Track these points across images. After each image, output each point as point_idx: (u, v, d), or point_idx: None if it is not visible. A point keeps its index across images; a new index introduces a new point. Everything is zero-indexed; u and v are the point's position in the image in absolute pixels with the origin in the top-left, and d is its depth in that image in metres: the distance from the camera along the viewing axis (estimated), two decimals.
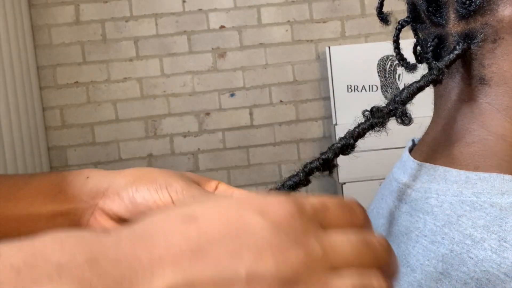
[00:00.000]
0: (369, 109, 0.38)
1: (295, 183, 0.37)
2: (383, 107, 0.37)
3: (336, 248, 0.23)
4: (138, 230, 0.23)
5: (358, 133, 0.37)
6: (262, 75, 2.27)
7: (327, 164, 0.37)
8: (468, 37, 0.40)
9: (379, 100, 0.39)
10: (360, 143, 0.38)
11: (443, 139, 0.43)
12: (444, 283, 0.35)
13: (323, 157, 0.37)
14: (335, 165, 0.38)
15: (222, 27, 2.26)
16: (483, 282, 0.33)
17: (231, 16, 2.25)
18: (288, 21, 2.26)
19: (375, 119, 0.37)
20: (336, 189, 2.20)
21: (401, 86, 1.93)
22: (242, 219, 0.23)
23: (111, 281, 0.21)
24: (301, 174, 0.37)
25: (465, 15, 0.39)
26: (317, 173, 0.37)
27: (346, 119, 1.98)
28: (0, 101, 1.80)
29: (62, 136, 2.22)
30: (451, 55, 0.39)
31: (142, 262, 0.21)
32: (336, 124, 1.99)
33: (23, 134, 1.93)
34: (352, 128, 0.38)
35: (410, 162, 0.45)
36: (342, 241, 0.23)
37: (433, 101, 0.46)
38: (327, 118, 2.26)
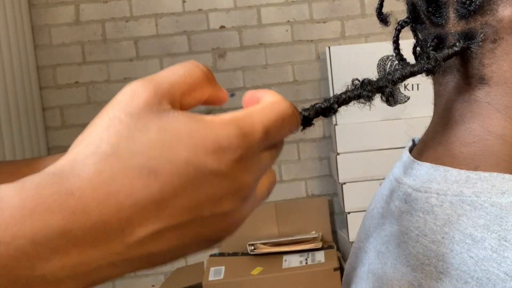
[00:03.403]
0: (360, 80, 0.38)
1: None
2: (374, 81, 0.37)
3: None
4: (100, 189, 0.24)
5: (343, 99, 0.37)
6: (262, 75, 2.27)
7: (306, 122, 0.37)
8: (468, 36, 0.40)
9: (379, 99, 0.39)
10: (360, 143, 0.38)
11: (443, 139, 0.43)
12: (444, 282, 0.35)
13: (305, 113, 0.36)
14: (312, 124, 0.38)
15: (222, 27, 2.26)
16: (484, 281, 0.33)
17: (231, 16, 2.25)
18: (288, 21, 2.26)
19: (363, 91, 0.37)
20: (336, 189, 2.20)
21: (401, 87, 1.93)
22: (199, 169, 0.25)
23: (87, 246, 0.23)
24: None
25: (465, 15, 0.39)
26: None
27: (346, 119, 1.98)
28: (0, 101, 1.80)
29: (62, 136, 2.22)
30: (450, 50, 0.40)
31: (112, 224, 0.24)
32: (336, 124, 1.99)
33: (23, 134, 1.93)
34: (339, 94, 0.38)
35: (410, 162, 0.45)
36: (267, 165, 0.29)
37: (433, 101, 0.46)
38: (327, 118, 2.26)
